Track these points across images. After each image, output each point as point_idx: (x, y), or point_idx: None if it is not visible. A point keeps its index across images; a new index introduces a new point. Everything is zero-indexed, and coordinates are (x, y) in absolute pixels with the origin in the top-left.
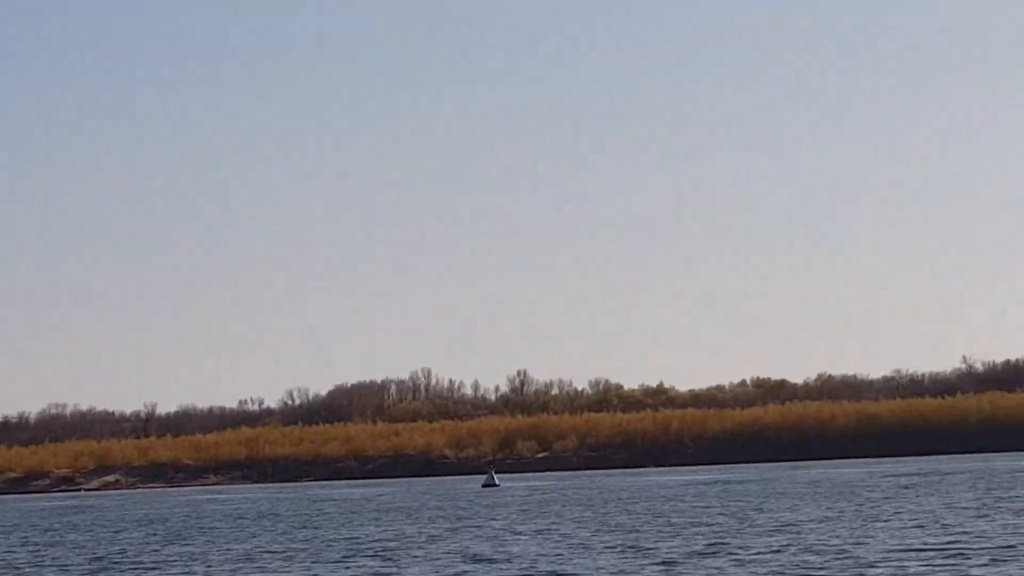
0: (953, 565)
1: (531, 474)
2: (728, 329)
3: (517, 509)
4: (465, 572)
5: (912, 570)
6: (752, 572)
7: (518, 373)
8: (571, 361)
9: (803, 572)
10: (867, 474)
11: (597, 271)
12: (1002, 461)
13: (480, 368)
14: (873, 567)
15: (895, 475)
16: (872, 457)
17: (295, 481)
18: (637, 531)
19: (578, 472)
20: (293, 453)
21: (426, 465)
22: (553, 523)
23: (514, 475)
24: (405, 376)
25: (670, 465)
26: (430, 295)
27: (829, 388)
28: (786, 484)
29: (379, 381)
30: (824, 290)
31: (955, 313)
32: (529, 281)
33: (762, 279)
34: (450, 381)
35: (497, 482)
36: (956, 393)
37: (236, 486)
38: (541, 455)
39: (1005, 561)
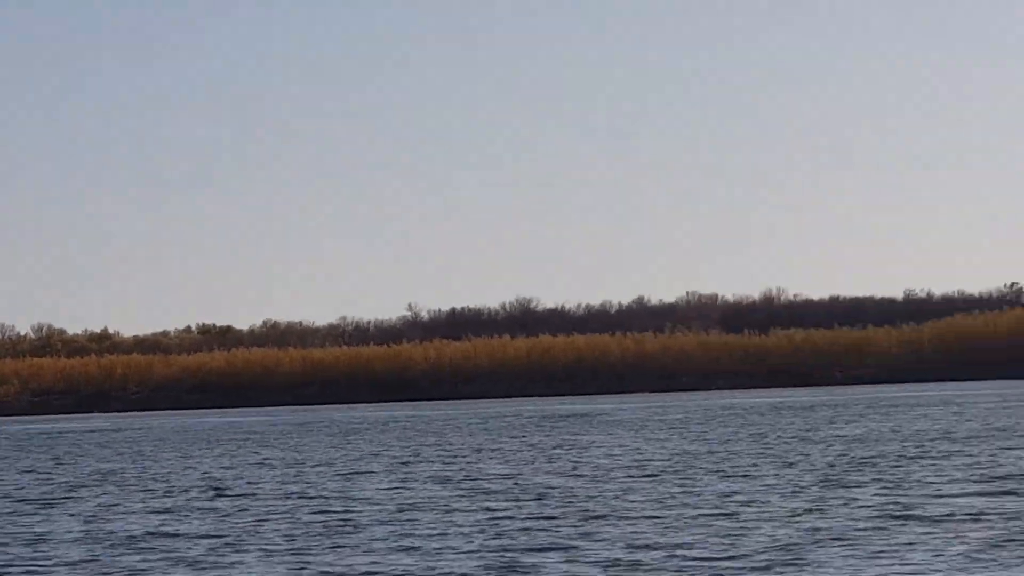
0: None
1: None
2: (172, 275)
3: None
4: None
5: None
6: None
7: None
8: (13, 305)
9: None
10: (272, 422)
11: (47, 214)
12: (440, 410)
13: None
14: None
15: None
16: (319, 404)
17: None
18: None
19: (21, 417)
20: None
21: None
22: None
23: None
24: None
25: (114, 411)
26: None
27: (275, 334)
28: (169, 432)
29: None
30: (270, 236)
31: (400, 262)
32: None
33: (207, 225)
34: None
35: None
36: (401, 341)
37: None
38: None
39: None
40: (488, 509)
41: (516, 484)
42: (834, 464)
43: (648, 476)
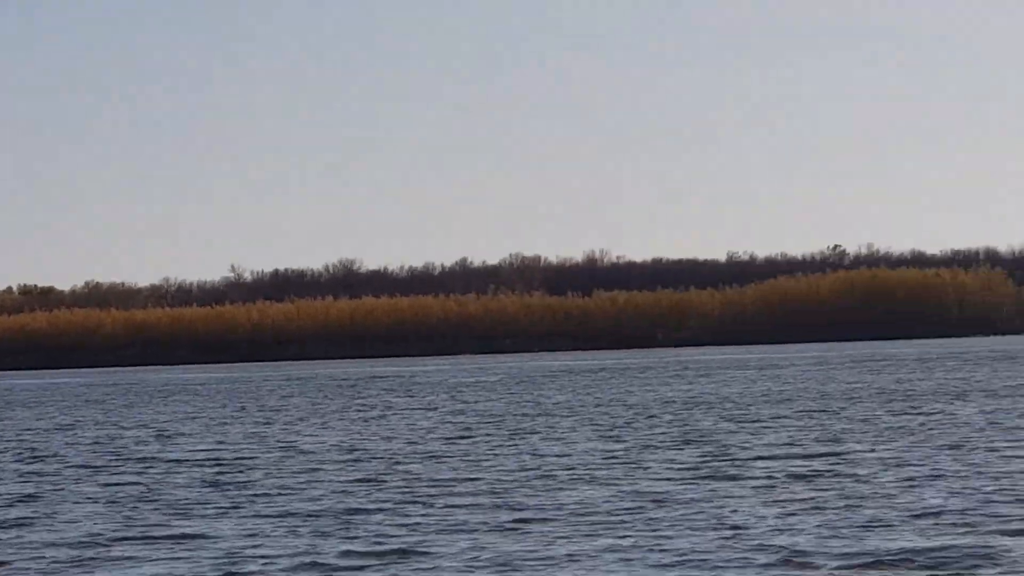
0: None
1: None
2: None
3: None
4: None
5: None
6: None
7: None
8: None
9: None
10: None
11: None
12: (262, 372)
13: None
14: None
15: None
16: (141, 365)
17: None
18: None
19: None
20: None
21: None
22: None
23: None
24: None
25: None
26: None
27: (97, 295)
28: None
29: None
30: (92, 196)
31: (223, 223)
32: None
33: (28, 184)
34: None
35: None
36: (224, 302)
37: None
38: None
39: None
40: (307, 471)
41: (334, 446)
42: (652, 427)
43: (463, 438)
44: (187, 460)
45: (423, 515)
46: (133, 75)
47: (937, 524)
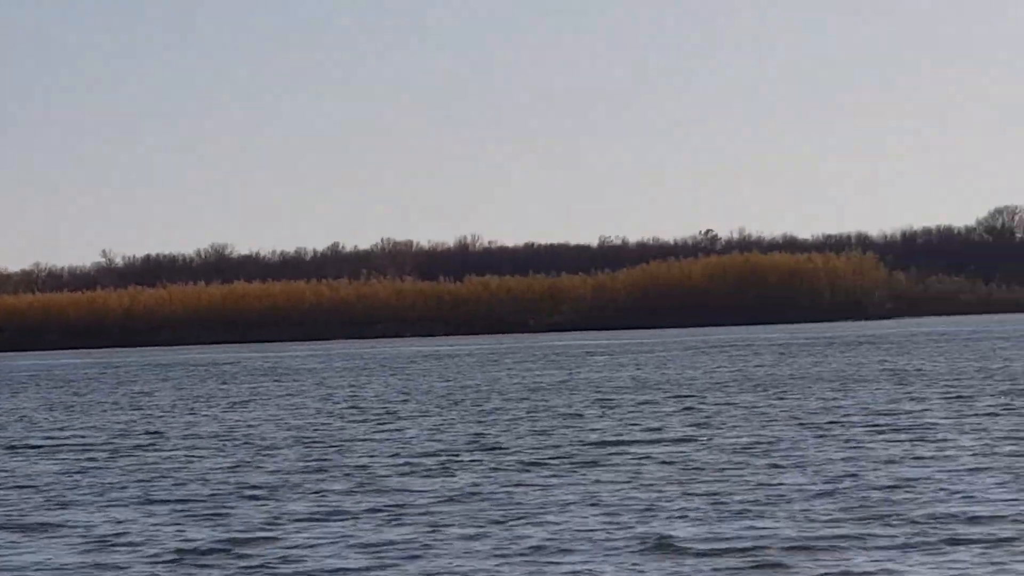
0: None
1: None
2: None
3: None
4: None
5: None
6: None
7: None
8: None
9: None
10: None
11: None
12: (134, 358)
13: None
14: None
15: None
16: (15, 351)
17: None
18: None
19: None
20: None
21: None
22: None
23: None
24: None
25: None
26: None
27: None
28: None
29: None
30: None
31: (94, 207)
32: None
33: None
34: None
35: None
36: (96, 287)
37: None
38: None
39: None
40: (175, 457)
41: (203, 432)
42: (520, 412)
43: (331, 424)
44: (54, 447)
45: (292, 501)
46: (6, 56)
47: (806, 509)
